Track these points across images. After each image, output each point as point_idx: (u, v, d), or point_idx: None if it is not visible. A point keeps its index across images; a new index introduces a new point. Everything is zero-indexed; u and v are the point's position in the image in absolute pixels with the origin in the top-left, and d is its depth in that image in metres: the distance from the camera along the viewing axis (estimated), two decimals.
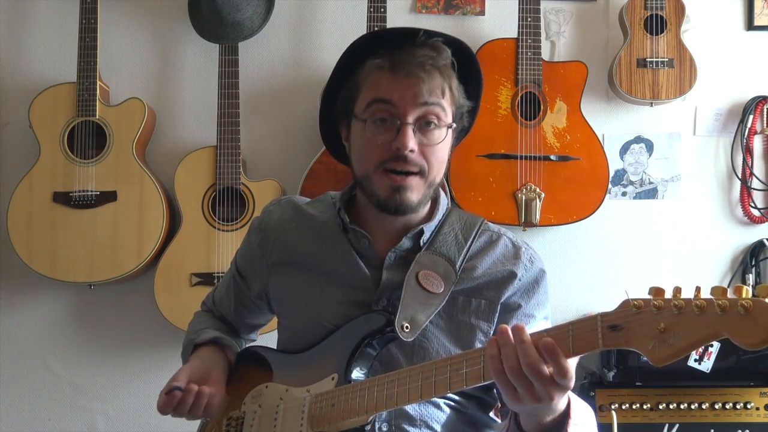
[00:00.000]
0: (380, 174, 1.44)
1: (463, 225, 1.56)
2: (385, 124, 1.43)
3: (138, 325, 2.77)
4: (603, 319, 1.14)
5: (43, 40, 2.82)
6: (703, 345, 1.08)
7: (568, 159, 2.67)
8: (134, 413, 2.79)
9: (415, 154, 1.43)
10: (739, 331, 1.02)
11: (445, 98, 1.45)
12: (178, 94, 2.84)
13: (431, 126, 1.44)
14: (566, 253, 2.82)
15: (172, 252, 2.65)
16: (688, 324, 1.06)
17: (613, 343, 1.13)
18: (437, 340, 1.47)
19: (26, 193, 2.63)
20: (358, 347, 1.44)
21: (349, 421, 1.39)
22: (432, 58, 1.43)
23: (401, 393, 1.32)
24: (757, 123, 2.83)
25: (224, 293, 1.74)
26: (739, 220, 2.86)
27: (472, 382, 1.26)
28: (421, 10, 2.86)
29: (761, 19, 2.88)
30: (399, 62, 1.43)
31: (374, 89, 1.45)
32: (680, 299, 1.07)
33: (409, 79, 1.42)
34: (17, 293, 2.78)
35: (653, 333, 1.08)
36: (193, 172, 2.68)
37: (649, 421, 2.38)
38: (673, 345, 1.06)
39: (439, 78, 1.44)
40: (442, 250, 1.50)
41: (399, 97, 1.42)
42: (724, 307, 1.03)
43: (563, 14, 2.87)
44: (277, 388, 1.51)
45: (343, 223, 1.54)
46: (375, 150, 1.44)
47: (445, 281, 1.47)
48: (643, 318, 1.09)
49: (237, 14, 2.68)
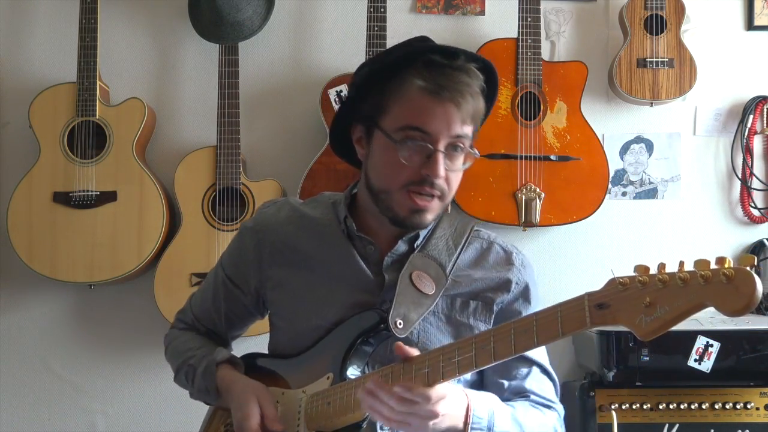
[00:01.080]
0: (403, 194, 1.45)
1: (454, 231, 1.58)
2: (416, 144, 1.43)
3: (138, 325, 2.77)
4: (590, 298, 1.17)
5: (43, 40, 2.82)
6: (689, 316, 1.08)
7: (568, 159, 2.67)
8: (134, 413, 2.79)
9: (441, 180, 1.45)
10: (722, 299, 1.04)
11: (471, 124, 1.46)
12: (178, 94, 2.84)
13: (458, 152, 1.46)
14: (566, 253, 2.82)
15: (172, 252, 2.65)
16: (672, 296, 1.08)
17: (600, 320, 1.15)
18: (437, 339, 1.48)
19: (26, 193, 2.63)
20: (353, 345, 1.45)
21: (345, 418, 1.39)
22: (469, 85, 1.44)
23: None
24: (757, 123, 2.83)
25: (209, 304, 1.69)
26: (739, 220, 2.86)
27: (465, 370, 1.28)
28: (421, 10, 2.86)
29: (761, 19, 2.88)
30: (440, 87, 1.42)
31: (412, 113, 1.43)
32: (664, 273, 1.09)
33: (447, 107, 1.42)
34: (17, 293, 2.78)
35: (639, 308, 1.10)
36: (193, 172, 2.68)
37: (649, 421, 2.38)
38: (659, 317, 1.09)
39: (471, 105, 1.44)
40: (434, 254, 1.52)
41: (435, 125, 1.42)
42: (707, 277, 1.05)
43: (563, 14, 2.87)
44: (273, 392, 1.51)
45: (348, 230, 1.54)
46: (403, 171, 1.44)
47: (436, 284, 1.49)
48: (629, 294, 1.12)
49: (237, 14, 2.68)
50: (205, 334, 1.70)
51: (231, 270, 1.65)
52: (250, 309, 1.67)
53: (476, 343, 1.29)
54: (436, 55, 1.45)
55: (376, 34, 2.63)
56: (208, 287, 1.70)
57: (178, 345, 1.68)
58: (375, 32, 2.63)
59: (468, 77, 1.44)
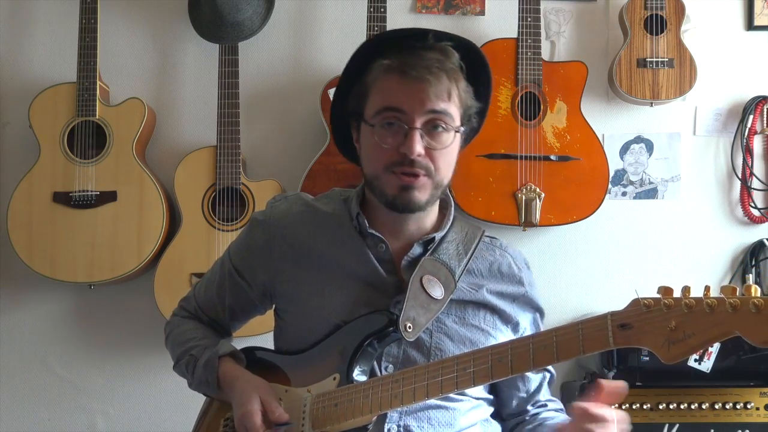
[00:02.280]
0: (389, 175, 1.46)
1: (464, 236, 1.58)
2: (393, 127, 1.45)
3: (138, 325, 2.77)
4: (613, 318, 1.16)
5: (43, 40, 2.82)
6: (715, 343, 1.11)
7: (568, 159, 2.67)
8: (134, 413, 2.79)
9: (422, 158, 1.44)
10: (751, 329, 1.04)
11: (452, 102, 1.46)
12: (178, 94, 2.84)
13: (439, 129, 1.45)
14: (566, 253, 2.82)
15: (172, 252, 2.65)
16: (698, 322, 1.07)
17: (624, 341, 1.15)
18: (453, 343, 1.48)
19: (26, 193, 2.63)
20: (360, 347, 1.44)
21: (352, 421, 1.39)
22: (439, 61, 1.44)
23: (407, 392, 1.33)
24: (757, 123, 2.83)
25: (214, 294, 1.68)
26: (739, 220, 2.86)
27: (480, 381, 1.28)
28: (421, 10, 2.86)
29: (761, 19, 2.87)
30: (407, 65, 1.43)
31: (383, 95, 1.46)
32: (690, 298, 1.09)
33: (417, 84, 1.42)
34: (17, 293, 2.78)
35: (664, 331, 1.10)
36: (193, 172, 2.68)
37: (649, 421, 2.38)
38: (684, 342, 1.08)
39: (446, 81, 1.44)
40: (444, 259, 1.52)
41: (407, 102, 1.43)
42: (736, 305, 1.05)
43: (563, 14, 2.87)
44: (275, 388, 1.50)
45: (361, 227, 1.54)
46: (383, 153, 1.46)
47: (445, 289, 1.49)
48: (653, 317, 1.11)
49: (237, 14, 2.68)
50: (208, 324, 1.69)
51: (239, 262, 1.64)
52: (255, 302, 1.65)
53: (493, 355, 1.30)
54: (402, 40, 1.47)
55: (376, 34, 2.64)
56: (213, 277, 1.69)
57: (180, 333, 1.67)
58: (375, 32, 2.63)
59: (438, 54, 1.45)
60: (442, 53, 1.46)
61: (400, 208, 1.48)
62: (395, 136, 1.45)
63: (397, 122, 1.44)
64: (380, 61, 1.47)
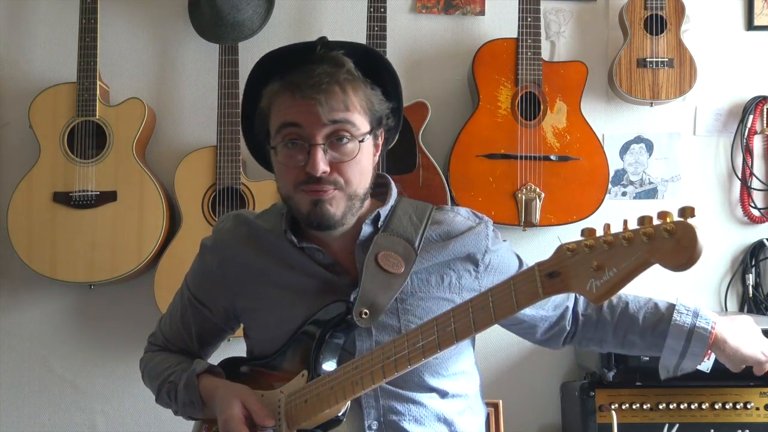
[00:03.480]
0: (299, 192, 1.44)
1: (416, 208, 1.56)
2: (297, 146, 1.42)
3: (138, 325, 2.76)
4: (540, 267, 1.16)
5: (43, 40, 2.82)
6: (637, 275, 1.06)
7: (568, 159, 2.67)
8: (134, 413, 2.79)
9: (328, 175, 1.42)
10: (666, 255, 1.02)
11: (351, 111, 1.42)
12: (178, 94, 2.84)
13: (343, 141, 1.42)
14: None
15: (172, 252, 2.65)
16: (618, 257, 1.06)
17: (553, 289, 1.15)
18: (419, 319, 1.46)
19: (26, 193, 2.63)
20: (322, 340, 1.44)
21: (323, 414, 1.39)
22: (329, 74, 1.40)
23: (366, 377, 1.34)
24: (757, 123, 2.83)
25: (179, 325, 1.68)
26: (739, 220, 2.86)
27: (429, 354, 1.28)
28: (421, 10, 2.86)
29: (761, 19, 2.87)
30: (294, 84, 1.40)
31: (279, 114, 1.43)
32: (609, 235, 1.08)
33: (307, 102, 1.39)
34: (17, 293, 2.78)
35: (588, 272, 1.09)
36: (193, 172, 2.68)
37: (649, 421, 2.38)
38: (607, 281, 1.07)
39: (339, 93, 1.41)
40: (399, 231, 1.50)
41: (304, 119, 1.41)
42: (650, 234, 1.03)
43: (563, 14, 2.87)
44: None
45: (292, 243, 1.52)
46: (290, 172, 1.44)
47: (406, 261, 1.47)
48: (578, 260, 1.11)
49: (237, 14, 2.68)
50: (179, 353, 1.70)
51: (196, 290, 1.65)
52: (220, 326, 1.66)
53: (438, 324, 1.30)
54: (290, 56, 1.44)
55: (376, 34, 2.64)
56: (175, 309, 1.69)
57: (154, 366, 1.68)
58: (375, 32, 2.63)
59: (328, 66, 1.41)
60: (332, 64, 1.42)
61: (315, 225, 1.45)
62: (299, 155, 1.42)
63: (299, 140, 1.42)
64: (271, 86, 1.45)
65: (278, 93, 1.43)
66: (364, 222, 1.50)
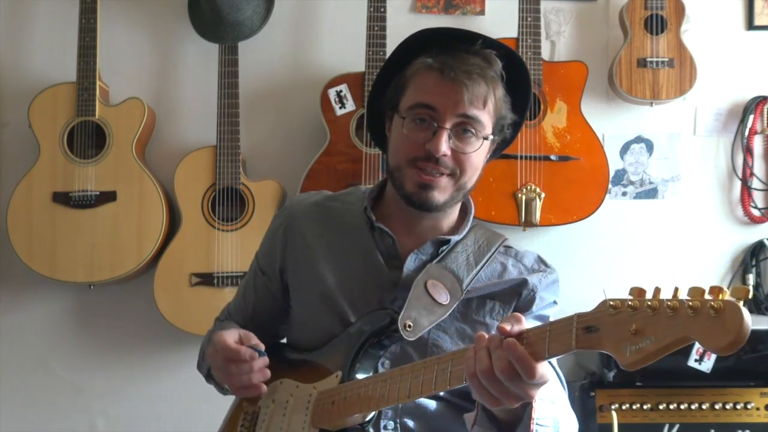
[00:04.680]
0: (411, 168, 1.46)
1: (477, 248, 1.55)
2: (424, 123, 1.45)
3: (138, 325, 2.77)
4: (579, 319, 1.10)
5: (43, 40, 2.82)
6: (674, 350, 0.98)
7: (568, 159, 2.67)
8: (134, 414, 2.79)
9: (447, 159, 1.44)
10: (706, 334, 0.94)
11: (486, 109, 1.45)
12: (178, 94, 2.84)
13: (468, 134, 1.45)
14: (566, 253, 2.81)
15: (172, 252, 2.65)
16: (659, 326, 0.99)
17: (586, 344, 1.08)
18: (452, 339, 1.47)
19: (26, 193, 2.63)
20: (363, 346, 1.45)
21: (348, 419, 1.39)
22: (481, 67, 1.44)
23: (392, 391, 1.33)
24: (757, 123, 2.83)
25: (241, 300, 1.71)
26: (739, 220, 2.86)
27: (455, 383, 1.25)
28: (421, 10, 2.86)
29: (761, 19, 2.87)
30: (447, 66, 1.43)
31: (419, 91, 1.46)
32: (656, 300, 1.01)
33: (454, 86, 1.42)
34: (17, 293, 2.78)
35: (625, 335, 1.01)
36: (193, 172, 2.68)
37: (649, 421, 2.38)
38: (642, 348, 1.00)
39: (483, 87, 1.44)
40: (452, 267, 1.51)
41: (441, 102, 1.43)
42: (696, 308, 0.95)
43: (563, 14, 2.87)
44: (289, 384, 1.52)
45: (370, 221, 1.54)
46: (409, 146, 1.46)
47: (452, 296, 1.47)
48: (618, 319, 1.03)
49: (237, 14, 2.68)
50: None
51: (262, 257, 1.66)
52: (277, 298, 1.65)
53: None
54: (450, 39, 1.47)
55: (376, 34, 2.63)
56: (243, 283, 1.72)
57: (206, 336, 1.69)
58: (375, 32, 2.63)
59: (481, 60, 1.45)
60: (485, 60, 1.45)
61: (417, 205, 1.48)
62: (424, 132, 1.45)
63: (428, 119, 1.44)
64: (423, 58, 1.47)
65: (428, 68, 1.46)
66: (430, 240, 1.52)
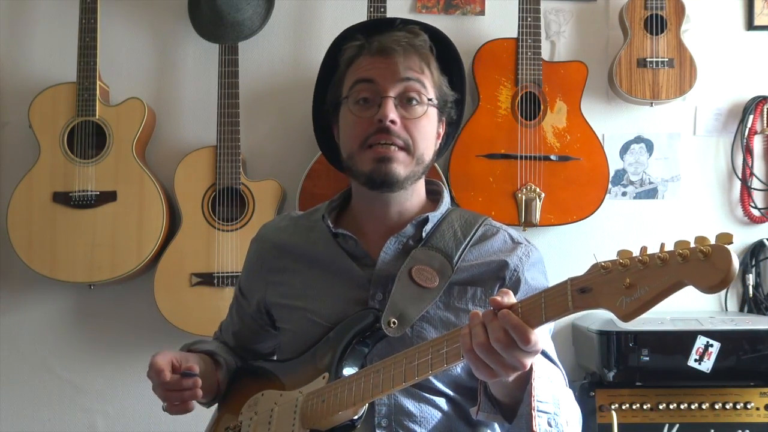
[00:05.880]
0: (365, 150, 1.47)
1: (463, 222, 1.55)
2: (368, 103, 1.48)
3: (138, 325, 2.77)
4: (573, 282, 1.17)
5: (43, 40, 2.82)
6: (669, 295, 1.07)
7: (568, 159, 2.67)
8: (134, 413, 2.79)
9: (397, 127, 1.46)
10: (699, 276, 1.04)
11: (424, 75, 1.49)
12: (178, 94, 2.84)
13: (413, 102, 1.48)
14: (566, 253, 2.81)
15: (172, 252, 2.65)
16: (652, 276, 1.07)
17: (582, 304, 1.15)
18: (435, 330, 1.46)
19: (26, 193, 2.63)
20: (348, 345, 1.45)
21: (339, 416, 1.39)
22: (408, 38, 1.49)
23: (386, 380, 1.33)
24: (757, 123, 2.83)
25: (229, 318, 1.76)
26: (739, 220, 2.86)
27: (452, 360, 1.27)
28: (421, 10, 2.86)
29: (761, 19, 2.87)
30: (376, 42, 1.48)
31: (356, 72, 1.50)
32: (645, 255, 1.09)
33: (386, 57, 1.47)
34: (17, 293, 2.78)
35: (620, 289, 1.10)
36: (193, 172, 2.68)
37: (649, 421, 2.38)
38: (638, 298, 1.08)
39: (415, 55, 1.48)
40: (439, 246, 1.50)
41: (379, 74, 1.47)
42: (685, 255, 1.06)
43: (563, 14, 2.87)
44: (272, 394, 1.52)
45: (330, 229, 1.55)
46: (359, 127, 1.48)
47: (441, 276, 1.47)
48: (611, 277, 1.11)
49: (237, 14, 2.68)
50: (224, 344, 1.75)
51: (243, 282, 1.71)
52: (256, 319, 1.68)
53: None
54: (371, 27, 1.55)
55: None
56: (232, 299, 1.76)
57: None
58: None
59: (406, 33, 1.50)
60: (410, 32, 1.50)
61: (378, 182, 1.47)
62: (370, 110, 1.47)
63: (372, 96, 1.47)
64: (349, 44, 1.52)
65: (359, 51, 1.51)
66: (410, 222, 1.52)
